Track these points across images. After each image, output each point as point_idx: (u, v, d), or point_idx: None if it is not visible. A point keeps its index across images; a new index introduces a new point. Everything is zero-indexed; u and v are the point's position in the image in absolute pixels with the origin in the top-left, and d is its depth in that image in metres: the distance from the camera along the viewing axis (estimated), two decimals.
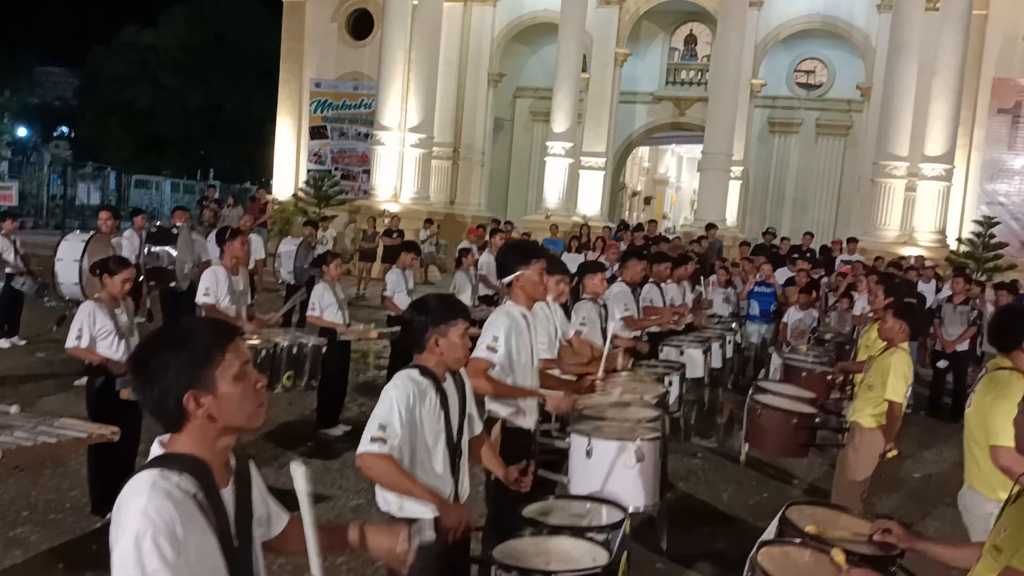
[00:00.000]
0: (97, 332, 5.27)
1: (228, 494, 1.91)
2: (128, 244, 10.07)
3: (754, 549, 2.99)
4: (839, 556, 2.84)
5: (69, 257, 9.16)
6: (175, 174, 34.21)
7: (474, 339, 3.71)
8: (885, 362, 5.34)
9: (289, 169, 24.93)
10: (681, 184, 37.73)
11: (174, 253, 9.52)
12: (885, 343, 5.51)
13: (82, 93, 45.45)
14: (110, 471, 5.19)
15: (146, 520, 1.71)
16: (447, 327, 3.12)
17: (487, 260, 11.12)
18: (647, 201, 34.93)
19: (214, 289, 6.64)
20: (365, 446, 2.97)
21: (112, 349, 5.31)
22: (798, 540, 3.09)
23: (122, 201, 27.11)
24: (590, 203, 22.14)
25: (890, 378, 5.22)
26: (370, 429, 2.99)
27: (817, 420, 6.21)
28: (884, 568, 2.92)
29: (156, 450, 1.89)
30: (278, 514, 2.21)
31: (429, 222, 19.91)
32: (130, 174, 31.22)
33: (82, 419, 4.71)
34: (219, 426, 1.89)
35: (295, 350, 6.75)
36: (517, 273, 4.13)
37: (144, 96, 38.52)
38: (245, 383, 1.91)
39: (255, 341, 6.43)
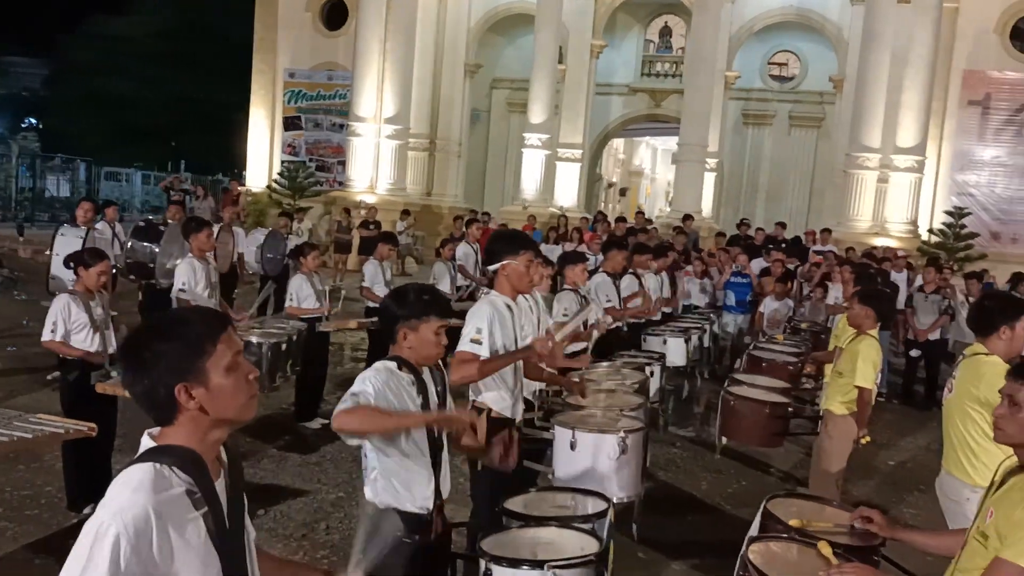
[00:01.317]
0: (72, 325, 5.20)
1: (220, 486, 1.88)
2: (101, 236, 9.93)
3: (744, 546, 3.01)
4: (826, 550, 2.86)
5: (66, 252, 9.01)
6: (146, 166, 33.74)
7: (456, 331, 3.65)
8: (854, 349, 5.41)
9: (263, 160, 24.70)
10: (656, 176, 37.87)
11: (156, 250, 9.39)
12: (854, 330, 5.58)
13: (50, 83, 44.70)
14: (85, 466, 5.14)
15: (119, 519, 1.66)
16: (418, 322, 3.02)
17: (464, 251, 11.11)
18: (622, 192, 35.02)
19: (191, 282, 6.64)
20: (344, 403, 2.85)
21: (87, 342, 5.25)
22: (784, 535, 3.11)
23: (92, 193, 26.72)
24: (567, 194, 22.19)
25: (859, 364, 5.29)
26: (343, 401, 2.88)
27: (790, 409, 6.28)
28: (867, 558, 2.96)
29: (146, 443, 1.85)
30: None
31: (406, 213, 19.84)
32: (100, 166, 30.75)
33: (57, 414, 4.65)
34: (211, 418, 1.85)
35: (294, 339, 6.85)
36: (504, 262, 4.09)
37: (113, 86, 37.94)
38: (237, 374, 1.87)
39: (255, 337, 6.48)
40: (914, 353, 10.67)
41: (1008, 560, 2.39)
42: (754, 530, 3.22)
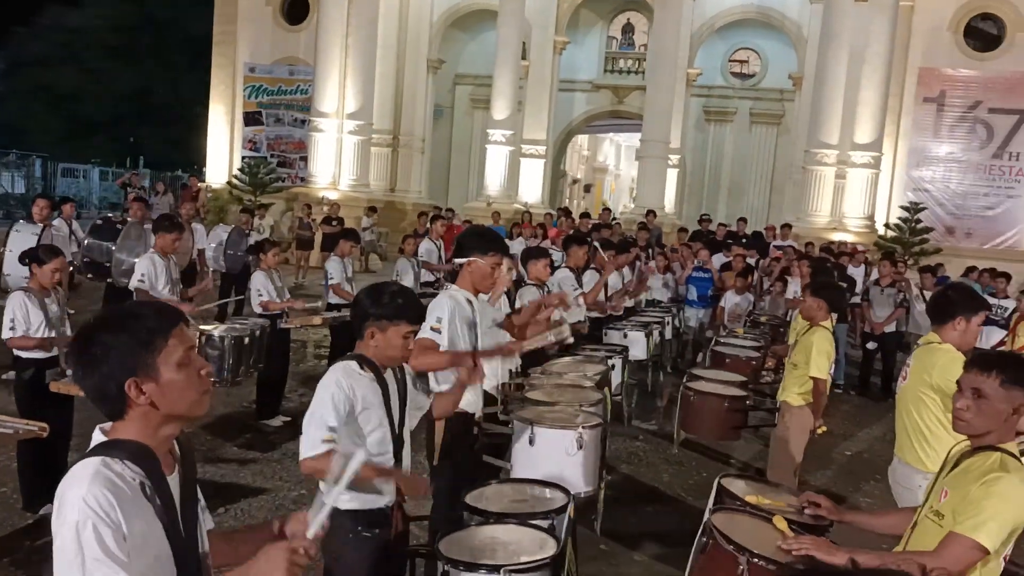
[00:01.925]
0: (28, 322, 5.11)
1: (173, 481, 1.87)
2: (57, 233, 9.76)
3: (706, 515, 3.09)
4: (782, 523, 2.94)
5: (19, 249, 8.84)
6: (104, 162, 33.15)
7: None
8: (808, 340, 5.51)
9: (223, 156, 24.39)
10: (620, 172, 38.13)
11: (112, 248, 9.23)
12: (808, 322, 5.68)
13: (4, 77, 43.69)
14: (41, 465, 5.06)
15: (87, 509, 1.66)
16: (388, 324, 2.99)
17: (428, 247, 11.09)
18: (587, 189, 35.20)
19: (150, 275, 6.62)
20: (310, 450, 2.84)
21: None
22: (742, 509, 3.20)
23: (48, 189, 26.21)
24: (531, 190, 22.23)
25: (813, 355, 5.39)
26: (311, 433, 2.86)
27: (748, 402, 6.36)
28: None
29: (98, 437, 1.84)
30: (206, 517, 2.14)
31: (372, 210, 19.73)
32: (57, 161, 30.17)
33: (11, 414, 4.57)
34: (161, 414, 1.84)
35: (257, 334, 6.80)
36: (471, 259, 4.11)
37: (69, 79, 37.23)
38: (189, 370, 1.86)
39: (217, 332, 6.44)
40: (871, 345, 10.88)
41: (962, 534, 2.50)
42: (710, 503, 3.30)
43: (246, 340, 6.65)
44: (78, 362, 1.84)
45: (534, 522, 3.26)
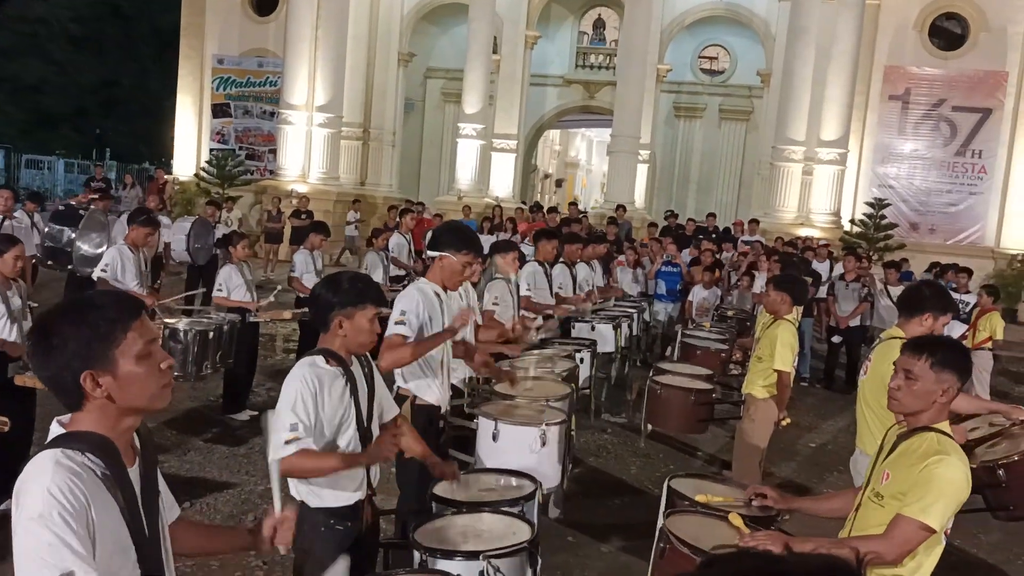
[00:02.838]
0: None
1: (134, 473, 1.86)
2: (19, 225, 9.60)
3: (660, 519, 3.12)
4: (737, 520, 2.99)
5: None
6: (69, 153, 32.64)
7: (386, 320, 3.63)
8: (772, 334, 5.59)
9: (190, 148, 24.09)
10: (592, 167, 38.22)
11: (73, 235, 9.10)
12: (772, 316, 5.76)
13: None
14: (4, 459, 4.98)
15: (51, 499, 1.64)
16: (354, 310, 2.97)
17: (398, 241, 11.06)
18: (558, 183, 35.24)
19: (114, 266, 6.55)
20: (280, 451, 2.78)
21: (4, 332, 5.08)
22: (693, 509, 3.24)
23: (12, 181, 25.73)
24: (502, 185, 22.21)
25: (777, 348, 5.47)
26: (279, 430, 2.83)
27: (714, 396, 6.43)
28: (766, 529, 3.11)
29: (55, 430, 1.81)
30: (171, 505, 2.12)
31: (356, 202, 19.60)
32: (20, 153, 29.64)
33: None
34: (119, 407, 1.82)
35: (224, 328, 6.75)
36: (444, 253, 4.11)
37: (34, 70, 36.61)
38: (149, 362, 1.84)
39: (182, 325, 6.37)
40: (835, 339, 11.03)
41: (910, 516, 2.61)
42: (662, 507, 3.34)
43: (211, 334, 6.60)
44: (35, 352, 1.81)
45: (505, 509, 3.29)
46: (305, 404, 2.86)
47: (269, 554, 1.88)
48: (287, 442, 2.81)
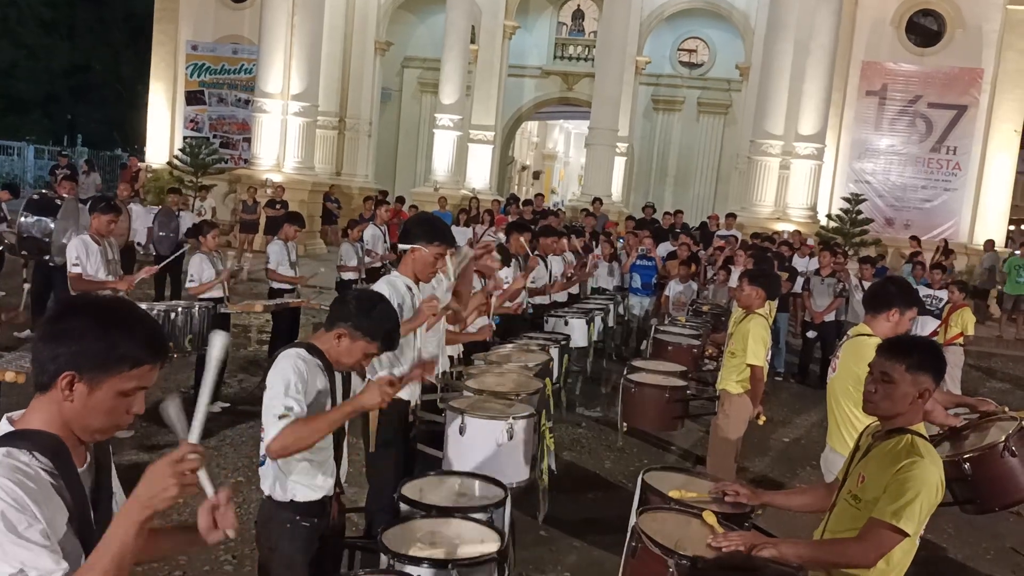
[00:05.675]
0: None
1: (86, 474, 1.80)
2: None
3: (632, 517, 3.07)
4: (711, 518, 2.96)
5: None
6: (39, 139, 32.08)
7: None
8: (744, 328, 5.57)
9: (163, 136, 23.75)
10: (569, 159, 38.22)
11: (52, 225, 8.92)
12: (745, 311, 5.74)
13: None
14: None
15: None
16: (361, 338, 2.96)
17: (372, 232, 10.96)
18: (536, 175, 35.20)
19: (83, 258, 6.45)
20: (274, 429, 2.79)
21: None
22: (667, 506, 3.20)
23: None
24: (479, 176, 22.13)
25: (749, 343, 5.45)
26: (272, 411, 2.82)
27: (689, 392, 6.42)
28: (741, 525, 3.09)
29: (3, 427, 1.75)
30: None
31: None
32: None
33: None
34: (66, 416, 1.76)
35: (193, 312, 6.65)
36: (415, 246, 4.08)
37: (3, 54, 35.88)
38: (123, 403, 1.79)
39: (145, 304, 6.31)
40: (811, 334, 11.08)
41: (884, 520, 2.60)
42: (635, 503, 3.30)
43: (174, 316, 6.50)
44: (48, 323, 1.77)
45: (474, 516, 3.23)
46: (297, 389, 2.85)
47: (221, 542, 1.81)
48: (280, 417, 2.79)
